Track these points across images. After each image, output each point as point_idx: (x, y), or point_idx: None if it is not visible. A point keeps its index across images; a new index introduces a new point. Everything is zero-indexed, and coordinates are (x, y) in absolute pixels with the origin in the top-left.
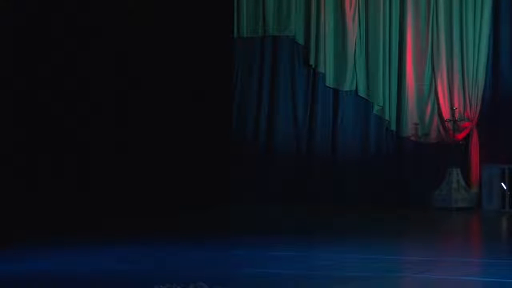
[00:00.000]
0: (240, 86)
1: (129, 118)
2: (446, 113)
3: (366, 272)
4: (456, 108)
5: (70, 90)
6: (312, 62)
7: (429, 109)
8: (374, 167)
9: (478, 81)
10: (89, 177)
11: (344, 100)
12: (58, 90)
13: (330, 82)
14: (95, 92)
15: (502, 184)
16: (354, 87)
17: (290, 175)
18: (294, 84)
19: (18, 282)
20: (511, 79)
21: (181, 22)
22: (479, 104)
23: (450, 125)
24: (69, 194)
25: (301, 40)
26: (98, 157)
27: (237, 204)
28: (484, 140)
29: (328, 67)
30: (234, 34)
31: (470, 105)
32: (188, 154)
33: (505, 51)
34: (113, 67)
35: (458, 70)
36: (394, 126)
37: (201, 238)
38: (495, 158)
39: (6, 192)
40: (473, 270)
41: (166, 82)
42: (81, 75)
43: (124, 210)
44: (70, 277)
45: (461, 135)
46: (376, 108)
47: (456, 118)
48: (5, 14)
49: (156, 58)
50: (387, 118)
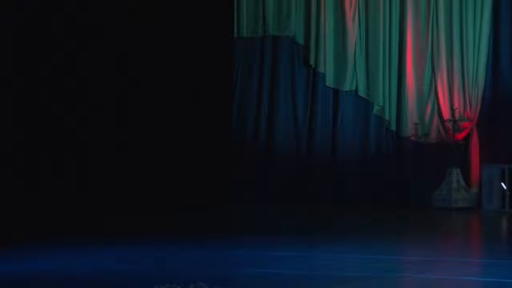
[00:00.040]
0: (240, 86)
1: (129, 118)
2: (446, 113)
3: (366, 272)
4: (456, 108)
5: (70, 90)
6: (312, 62)
7: (429, 109)
8: (374, 167)
9: (478, 81)
10: (89, 177)
11: (344, 100)
12: (58, 90)
13: (330, 82)
14: (95, 92)
15: (502, 184)
16: (354, 87)
17: (290, 175)
18: (294, 84)
19: (18, 282)
20: (511, 79)
21: (181, 22)
22: (479, 104)
23: (450, 125)
24: (69, 194)
25: (301, 40)
26: (98, 157)
27: (237, 204)
28: (484, 140)
29: (328, 67)
30: (234, 34)
31: (470, 105)
32: (188, 154)
33: (505, 51)
34: (113, 67)
35: (458, 70)
36: (394, 126)
37: (201, 238)
38: (495, 158)
39: (6, 192)
40: (473, 270)
41: (166, 82)
42: (81, 75)
43: (124, 210)
44: (70, 277)
45: (461, 135)
46: (376, 108)
47: (456, 118)
48: (5, 14)
49: (156, 58)
50: (387, 118)
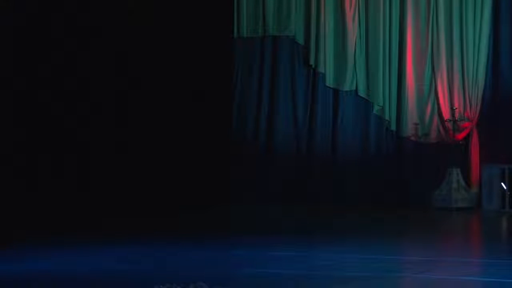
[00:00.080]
0: (240, 86)
1: (129, 118)
2: (446, 113)
3: (366, 272)
4: (456, 108)
5: (70, 90)
6: (312, 62)
7: (429, 109)
8: (374, 167)
9: (478, 81)
10: (89, 177)
11: (344, 100)
12: (58, 90)
13: (330, 82)
14: (95, 92)
15: (502, 184)
16: (354, 87)
17: (290, 175)
18: (294, 84)
19: (18, 282)
20: (511, 79)
21: (181, 22)
22: (479, 104)
23: (450, 125)
24: (69, 194)
25: (301, 40)
26: (98, 157)
27: (237, 204)
28: (484, 140)
29: (328, 67)
30: (234, 34)
31: (470, 105)
32: (188, 154)
33: (505, 51)
34: (113, 67)
35: (458, 70)
36: (394, 126)
37: (201, 238)
38: (495, 158)
39: (6, 192)
40: (473, 270)
41: (166, 82)
42: (81, 75)
43: (124, 210)
44: (70, 277)
45: (461, 135)
46: (376, 108)
47: (456, 118)
48: (5, 14)
49: (156, 58)
50: (387, 118)
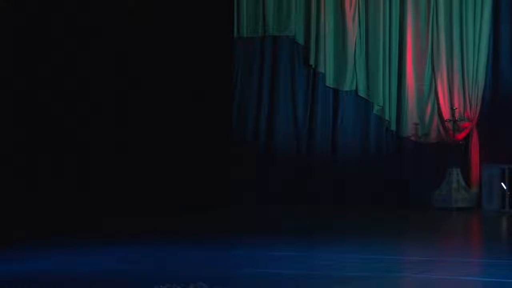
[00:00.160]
0: (240, 86)
1: (129, 118)
2: (446, 113)
3: (366, 272)
4: (456, 108)
5: (70, 90)
6: (312, 62)
7: (429, 109)
8: (374, 167)
9: (478, 81)
10: (89, 177)
11: (344, 100)
12: (58, 90)
13: (330, 82)
14: (95, 92)
15: (502, 184)
16: (354, 87)
17: (290, 175)
18: (294, 84)
19: (18, 282)
20: (511, 79)
21: (181, 22)
22: (479, 104)
23: (450, 125)
24: (69, 194)
25: (301, 40)
26: (98, 157)
27: (237, 204)
28: (484, 140)
29: (328, 67)
30: (234, 34)
31: (470, 105)
32: (188, 154)
33: (505, 51)
34: (113, 67)
35: (458, 70)
36: (394, 126)
37: (201, 238)
38: (495, 158)
39: (6, 192)
40: (473, 270)
41: (166, 82)
42: (81, 75)
43: (124, 210)
44: (70, 277)
45: (461, 135)
46: (376, 108)
47: (456, 118)
48: (5, 14)
49: (156, 58)
50: (387, 118)
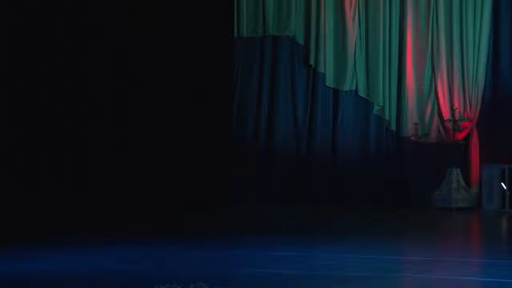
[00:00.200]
0: (240, 86)
1: (129, 118)
2: (446, 113)
3: (366, 272)
4: (456, 108)
5: (70, 90)
6: (312, 62)
7: (429, 109)
8: (374, 167)
9: (478, 81)
10: (89, 177)
11: (344, 100)
12: (58, 90)
13: (330, 82)
14: (95, 92)
15: (502, 184)
16: (354, 87)
17: (290, 175)
18: (294, 84)
19: (18, 282)
20: (511, 79)
21: (181, 22)
22: (479, 104)
23: (450, 125)
24: (69, 194)
25: (301, 40)
26: (98, 157)
27: (237, 204)
28: (484, 140)
29: (328, 67)
30: (234, 34)
31: (470, 105)
32: (188, 154)
33: (505, 51)
34: (113, 67)
35: (458, 70)
36: (394, 126)
37: (201, 238)
38: (495, 158)
39: (6, 192)
40: (473, 270)
41: (166, 82)
42: (81, 75)
43: (124, 210)
44: (70, 277)
45: (461, 135)
46: (376, 108)
47: (456, 118)
48: (5, 14)
49: (156, 58)
50: (387, 118)
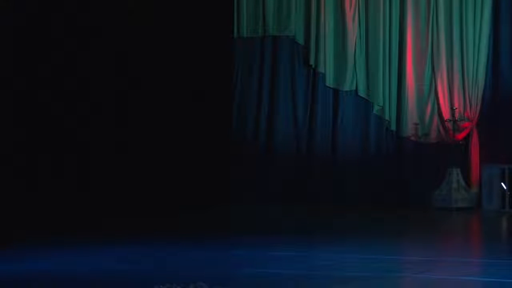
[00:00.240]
0: (240, 86)
1: (129, 118)
2: (446, 113)
3: (366, 272)
4: (456, 108)
5: (70, 90)
6: (312, 62)
7: (429, 109)
8: (374, 167)
9: (478, 81)
10: (89, 177)
11: (344, 100)
12: (58, 90)
13: (330, 82)
14: (95, 92)
15: (502, 184)
16: (354, 87)
17: (290, 175)
18: (294, 84)
19: (18, 282)
20: (511, 79)
21: (181, 22)
22: (479, 104)
23: (450, 125)
24: (69, 194)
25: (301, 40)
26: (98, 157)
27: (237, 204)
28: (484, 140)
29: (328, 67)
30: (234, 34)
31: (470, 105)
32: (188, 154)
33: (505, 51)
34: (113, 67)
35: (458, 70)
36: (394, 126)
37: (201, 238)
38: (495, 158)
39: (6, 192)
40: (473, 270)
41: (166, 82)
42: (81, 75)
43: (124, 210)
44: (70, 277)
45: (461, 135)
46: (376, 108)
47: (456, 118)
48: (5, 14)
49: (156, 58)
50: (387, 118)
